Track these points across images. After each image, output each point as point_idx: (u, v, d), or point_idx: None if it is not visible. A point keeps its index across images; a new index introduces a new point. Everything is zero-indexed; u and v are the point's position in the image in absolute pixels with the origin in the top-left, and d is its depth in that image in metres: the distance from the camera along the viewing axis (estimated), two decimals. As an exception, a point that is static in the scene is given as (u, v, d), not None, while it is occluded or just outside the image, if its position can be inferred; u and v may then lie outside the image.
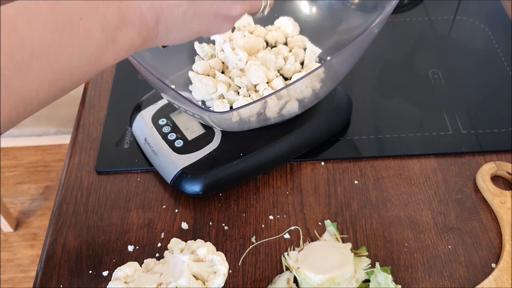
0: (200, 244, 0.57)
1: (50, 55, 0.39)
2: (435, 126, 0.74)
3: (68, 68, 0.40)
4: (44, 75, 0.39)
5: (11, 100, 0.38)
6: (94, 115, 0.78)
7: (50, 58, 0.39)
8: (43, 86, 0.39)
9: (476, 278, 0.59)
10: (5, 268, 1.56)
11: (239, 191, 0.68)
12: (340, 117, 0.73)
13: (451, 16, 0.92)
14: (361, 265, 0.57)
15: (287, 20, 0.75)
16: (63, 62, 0.40)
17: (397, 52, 0.86)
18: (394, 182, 0.68)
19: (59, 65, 0.40)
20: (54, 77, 0.40)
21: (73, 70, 0.41)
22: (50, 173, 1.77)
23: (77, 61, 0.41)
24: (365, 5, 0.72)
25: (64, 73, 0.40)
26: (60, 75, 0.40)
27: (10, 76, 0.37)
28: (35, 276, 0.61)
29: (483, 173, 0.67)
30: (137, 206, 0.66)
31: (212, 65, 0.70)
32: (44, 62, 0.38)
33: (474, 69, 0.83)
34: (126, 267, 0.56)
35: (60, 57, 0.39)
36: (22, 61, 0.37)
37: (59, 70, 0.40)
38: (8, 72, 0.37)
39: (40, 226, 1.64)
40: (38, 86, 0.39)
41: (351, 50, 0.60)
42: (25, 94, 0.39)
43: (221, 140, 0.67)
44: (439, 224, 0.64)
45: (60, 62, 0.40)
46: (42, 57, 0.38)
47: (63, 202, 0.67)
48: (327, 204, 0.66)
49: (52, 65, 0.39)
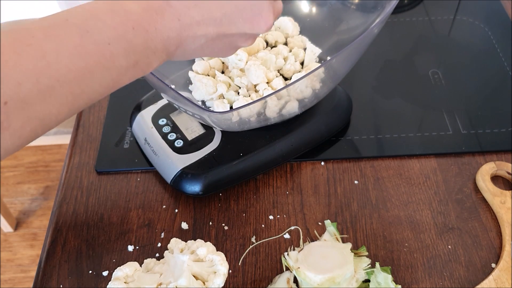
0: (200, 244, 0.57)
1: (73, 81, 0.39)
2: (435, 126, 0.74)
3: (88, 92, 0.41)
4: (65, 99, 0.39)
5: (32, 124, 0.38)
6: (94, 115, 0.78)
7: (73, 84, 0.39)
8: (63, 109, 0.40)
9: (476, 278, 0.59)
10: (5, 268, 1.56)
11: (239, 191, 0.68)
12: (340, 117, 0.73)
13: (451, 16, 0.92)
14: (361, 265, 0.57)
15: (287, 20, 0.75)
16: (84, 86, 0.40)
17: (397, 52, 0.86)
18: (394, 182, 0.68)
19: (80, 89, 0.40)
20: (74, 101, 0.40)
21: (92, 93, 0.41)
22: (50, 173, 1.77)
23: (98, 85, 0.41)
24: (365, 5, 0.72)
25: (83, 96, 0.41)
26: (79, 98, 0.40)
27: (33, 101, 0.37)
28: (35, 276, 0.61)
29: (483, 173, 0.67)
30: (137, 206, 0.66)
31: (212, 65, 0.70)
32: (66, 87, 0.39)
33: (474, 69, 0.83)
34: (126, 267, 0.56)
35: (82, 83, 0.40)
36: (46, 87, 0.37)
37: (79, 93, 0.40)
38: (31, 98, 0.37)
39: (40, 226, 1.64)
40: (58, 109, 0.39)
41: (351, 50, 0.60)
42: (45, 117, 0.39)
43: (221, 140, 0.67)
44: (439, 224, 0.64)
45: (81, 87, 0.40)
46: (66, 83, 0.38)
47: (63, 202, 0.67)
48: (327, 204, 0.66)
49: (74, 90, 0.39)
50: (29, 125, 0.38)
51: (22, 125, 0.37)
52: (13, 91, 0.35)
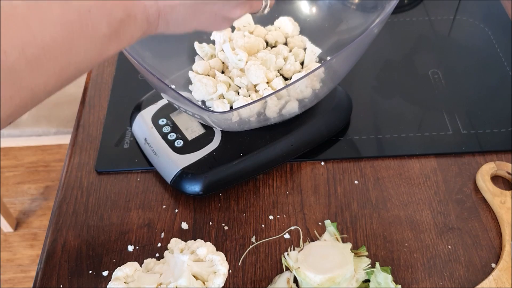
0: (200, 244, 0.57)
1: (59, 50, 0.40)
2: (435, 126, 0.74)
3: (75, 61, 0.42)
4: (52, 69, 0.40)
5: (22, 94, 0.39)
6: (94, 115, 0.78)
7: (59, 54, 0.40)
8: (51, 80, 0.41)
9: (476, 278, 0.59)
10: (5, 268, 1.56)
11: (239, 191, 0.68)
12: (340, 117, 0.73)
13: (451, 16, 0.92)
14: (361, 265, 0.57)
15: (287, 20, 0.75)
16: (71, 56, 0.41)
17: (397, 52, 0.86)
18: (394, 182, 0.68)
19: (66, 59, 0.41)
20: (61, 71, 0.41)
21: (79, 63, 0.42)
22: (50, 173, 1.77)
23: (83, 54, 0.42)
24: (365, 5, 0.72)
25: (70, 66, 0.42)
26: (67, 68, 0.41)
27: (21, 71, 0.38)
28: (35, 276, 0.61)
29: (483, 173, 0.67)
30: (137, 206, 0.66)
31: (212, 65, 0.70)
32: (53, 57, 0.39)
33: (474, 69, 0.83)
34: (126, 267, 0.56)
35: (68, 52, 0.40)
36: (33, 57, 0.38)
37: (66, 64, 0.41)
38: (19, 68, 0.37)
39: (40, 226, 1.64)
40: (47, 80, 0.40)
41: (351, 50, 0.60)
42: (34, 88, 0.40)
43: (221, 140, 0.67)
44: (439, 224, 0.64)
45: (68, 57, 0.41)
46: (52, 52, 0.39)
47: (63, 202, 0.67)
48: (327, 204, 0.66)
49: (61, 60, 0.40)
50: (18, 95, 0.39)
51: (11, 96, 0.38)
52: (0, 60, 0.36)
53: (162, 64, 0.69)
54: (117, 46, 0.45)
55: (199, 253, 0.56)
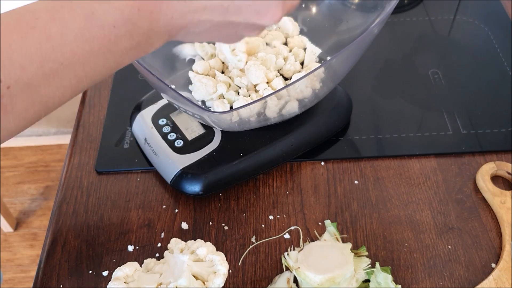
0: (200, 244, 0.57)
1: (77, 64, 0.38)
2: (435, 126, 0.74)
3: (92, 74, 0.41)
4: (69, 82, 0.39)
5: (36, 107, 0.38)
6: (94, 115, 0.78)
7: (77, 67, 0.39)
8: (66, 92, 0.40)
9: (476, 278, 0.59)
10: (5, 268, 1.56)
11: (239, 191, 0.68)
12: (340, 117, 0.73)
13: (451, 16, 0.92)
14: (361, 265, 0.57)
15: (287, 20, 0.75)
16: (88, 69, 0.40)
17: (397, 52, 0.86)
18: (394, 182, 0.68)
19: (83, 72, 0.40)
20: (77, 84, 0.40)
21: (95, 76, 0.41)
22: (50, 173, 1.77)
23: (101, 67, 0.41)
24: (365, 5, 0.72)
25: (86, 79, 0.40)
26: (83, 81, 0.40)
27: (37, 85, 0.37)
28: (35, 276, 0.61)
29: (483, 173, 0.67)
30: (137, 206, 0.66)
31: (212, 65, 0.70)
32: (71, 70, 0.38)
33: (474, 69, 0.83)
34: (126, 267, 0.56)
35: (86, 66, 0.39)
36: (50, 70, 0.37)
37: (83, 76, 0.40)
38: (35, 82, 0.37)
39: (40, 226, 1.64)
40: (62, 92, 0.39)
41: (351, 50, 0.60)
42: (49, 100, 0.39)
43: (221, 140, 0.67)
44: (439, 224, 0.64)
45: (85, 70, 0.40)
46: (70, 67, 0.38)
47: (63, 202, 0.67)
48: (327, 204, 0.66)
49: (78, 73, 0.39)
50: (32, 108, 0.38)
51: (25, 109, 0.37)
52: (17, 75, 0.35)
53: (162, 64, 0.69)
54: (135, 56, 0.44)
55: (199, 253, 0.56)
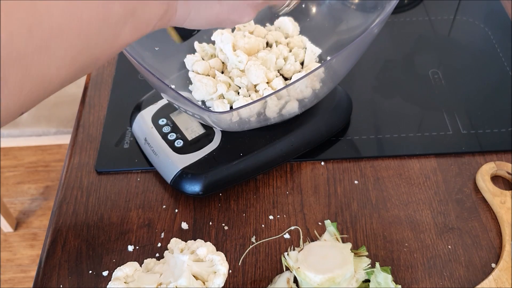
0: (200, 244, 0.57)
1: (69, 33, 0.38)
2: (435, 126, 0.74)
3: (88, 45, 0.39)
4: (64, 53, 0.38)
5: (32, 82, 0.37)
6: (94, 115, 0.78)
7: (69, 36, 0.38)
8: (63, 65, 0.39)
9: (476, 278, 0.59)
10: (5, 268, 1.56)
11: (239, 191, 0.68)
12: (340, 117, 0.73)
13: (451, 16, 0.92)
14: (361, 265, 0.57)
15: (287, 20, 0.75)
16: (83, 39, 0.39)
17: (397, 52, 0.86)
18: (394, 182, 0.68)
19: (78, 42, 0.39)
20: (74, 56, 0.39)
21: (93, 47, 0.40)
22: (50, 173, 1.77)
23: (97, 37, 0.40)
24: (365, 5, 0.72)
25: (83, 50, 0.39)
26: (80, 53, 0.39)
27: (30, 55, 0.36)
28: (35, 276, 0.61)
29: (483, 173, 0.67)
30: (137, 206, 0.66)
31: (212, 65, 0.70)
32: (64, 40, 0.37)
33: (474, 69, 0.83)
34: (126, 267, 0.56)
35: (80, 35, 0.38)
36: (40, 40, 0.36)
37: (79, 47, 0.39)
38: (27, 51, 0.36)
39: (40, 226, 1.64)
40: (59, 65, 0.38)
41: (351, 50, 0.60)
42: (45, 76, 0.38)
43: (221, 140, 0.67)
44: (439, 224, 0.64)
45: (80, 40, 0.39)
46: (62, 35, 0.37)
47: (63, 202, 0.67)
48: (327, 204, 0.66)
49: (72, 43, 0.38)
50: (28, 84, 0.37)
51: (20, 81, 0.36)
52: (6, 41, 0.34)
53: (162, 64, 0.69)
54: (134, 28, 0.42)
55: (199, 253, 0.56)
